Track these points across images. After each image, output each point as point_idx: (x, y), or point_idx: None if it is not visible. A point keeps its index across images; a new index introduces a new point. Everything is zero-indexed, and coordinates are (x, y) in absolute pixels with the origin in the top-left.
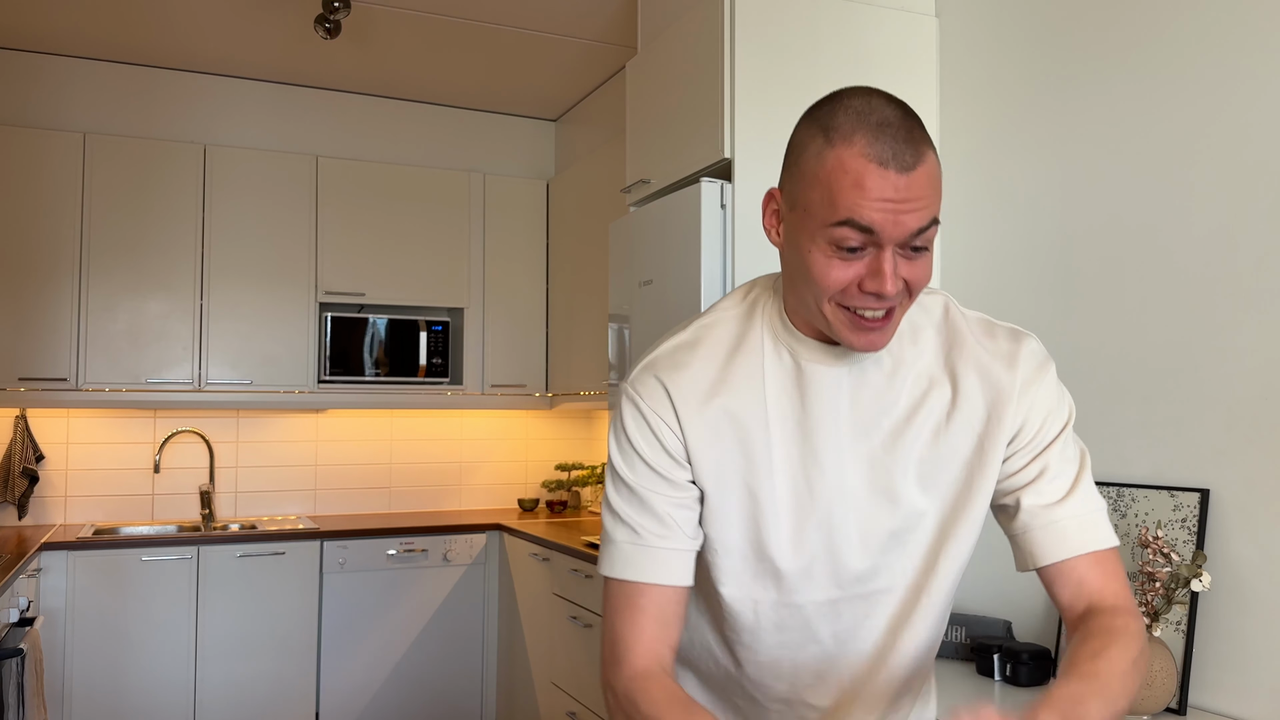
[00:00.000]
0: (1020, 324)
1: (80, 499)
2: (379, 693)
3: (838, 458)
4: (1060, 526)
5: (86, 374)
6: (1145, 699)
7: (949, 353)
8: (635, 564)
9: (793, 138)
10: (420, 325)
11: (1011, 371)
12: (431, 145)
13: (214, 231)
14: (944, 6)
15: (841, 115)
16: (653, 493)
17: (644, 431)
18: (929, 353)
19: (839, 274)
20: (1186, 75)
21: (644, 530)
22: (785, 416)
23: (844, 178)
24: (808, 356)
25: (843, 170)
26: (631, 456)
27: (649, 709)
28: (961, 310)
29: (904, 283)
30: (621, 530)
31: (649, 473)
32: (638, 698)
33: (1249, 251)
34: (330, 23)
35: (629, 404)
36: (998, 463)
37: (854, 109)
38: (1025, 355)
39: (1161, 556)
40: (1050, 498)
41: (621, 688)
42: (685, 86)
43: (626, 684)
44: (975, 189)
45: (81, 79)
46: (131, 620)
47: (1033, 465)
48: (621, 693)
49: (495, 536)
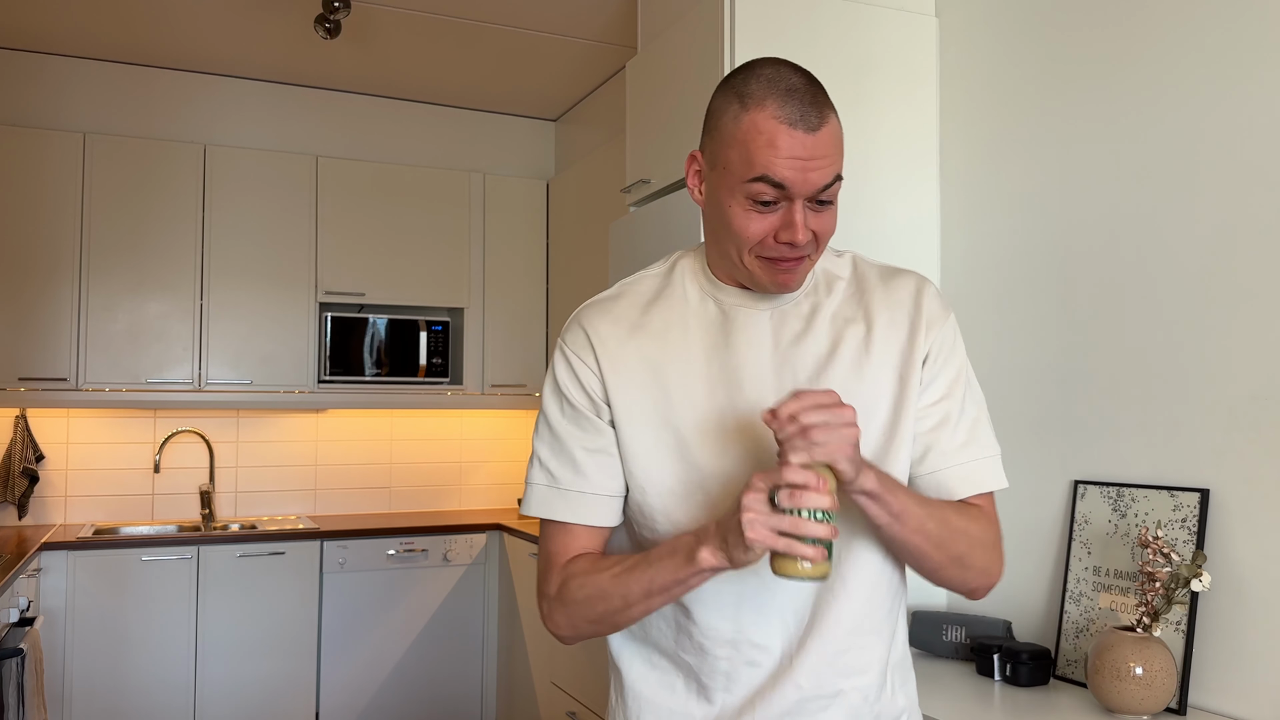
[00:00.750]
0: (1020, 324)
1: (80, 499)
2: (379, 693)
3: (759, 392)
4: (954, 472)
5: (86, 374)
6: (1145, 699)
7: (861, 296)
8: (550, 505)
9: (711, 104)
10: (420, 325)
11: (917, 308)
12: (431, 145)
13: (214, 231)
14: (944, 6)
15: (754, 83)
16: (571, 438)
17: (567, 373)
18: (841, 297)
19: (756, 226)
20: (1186, 74)
21: (560, 475)
22: (710, 358)
23: (758, 138)
24: (731, 302)
25: (757, 131)
26: (555, 399)
27: (582, 578)
28: (869, 261)
29: (813, 234)
30: (539, 473)
31: (571, 413)
32: (570, 582)
33: (1249, 251)
34: (330, 23)
35: (557, 351)
36: (917, 388)
37: (765, 77)
38: (929, 295)
39: (1161, 556)
40: (950, 444)
41: (555, 589)
42: (685, 86)
43: (558, 582)
44: (975, 189)
45: (81, 79)
46: (131, 620)
47: (934, 409)
48: (555, 592)
49: (495, 536)
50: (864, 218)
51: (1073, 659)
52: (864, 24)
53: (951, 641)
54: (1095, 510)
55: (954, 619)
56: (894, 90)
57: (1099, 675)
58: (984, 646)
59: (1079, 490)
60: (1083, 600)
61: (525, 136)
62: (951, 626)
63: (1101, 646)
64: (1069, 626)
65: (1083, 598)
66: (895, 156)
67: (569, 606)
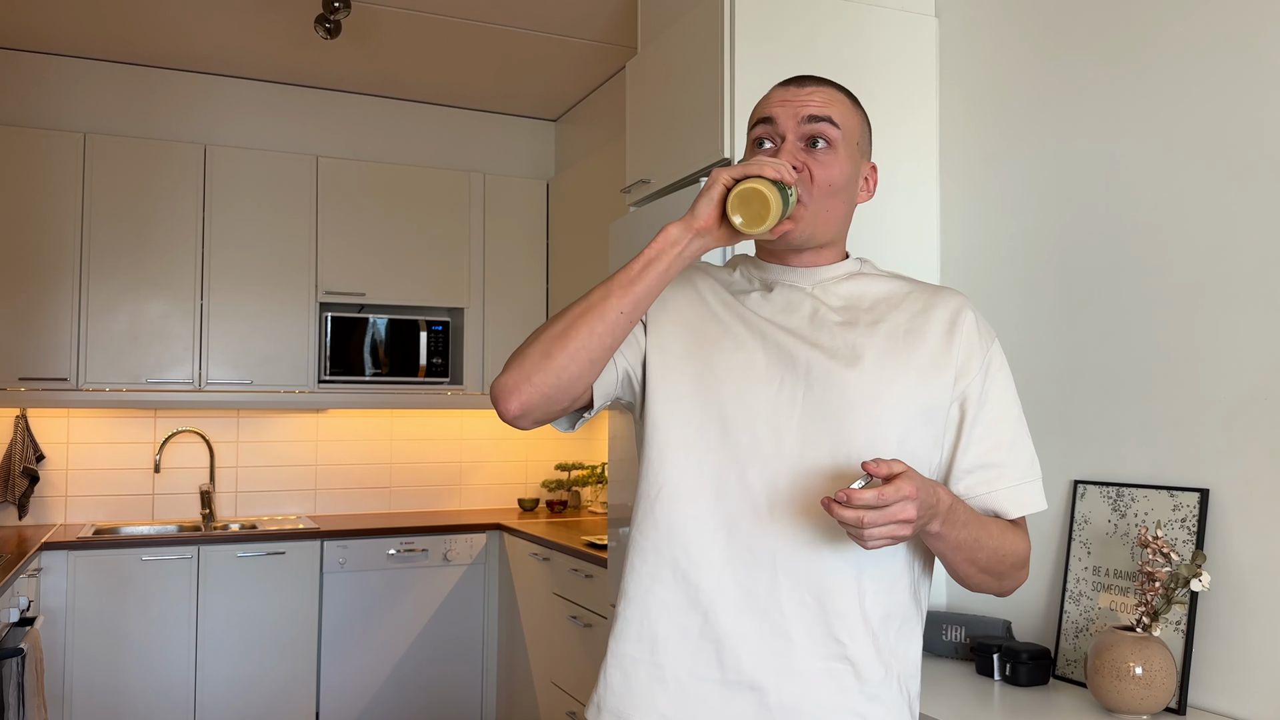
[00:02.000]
0: (1020, 324)
1: (80, 499)
2: (379, 693)
3: (792, 348)
4: (1005, 494)
5: (87, 374)
6: (1144, 699)
7: (905, 297)
8: None
9: None
10: (420, 325)
11: (955, 322)
12: (431, 145)
13: (214, 231)
14: (944, 6)
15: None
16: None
17: None
18: (884, 290)
19: None
20: (1186, 74)
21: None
22: (748, 318)
23: (760, 100)
24: (773, 279)
25: (761, 98)
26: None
27: (550, 321)
28: (917, 279)
29: (810, 175)
30: None
31: None
32: (539, 329)
33: (1249, 251)
34: (330, 23)
35: None
36: (948, 391)
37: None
38: (967, 315)
39: (1161, 556)
40: (1004, 465)
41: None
42: (685, 86)
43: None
44: (975, 189)
45: (81, 79)
46: (131, 620)
47: (991, 431)
48: (521, 346)
49: (495, 536)
50: (864, 218)
51: (1072, 659)
52: (864, 24)
53: (951, 641)
54: (1095, 510)
55: (954, 619)
56: (894, 90)
57: (1099, 675)
58: (984, 646)
59: (1079, 490)
60: (1082, 600)
61: (525, 136)
62: (951, 626)
63: (1101, 646)
64: (1069, 626)
65: (1082, 597)
66: (895, 156)
67: (521, 353)
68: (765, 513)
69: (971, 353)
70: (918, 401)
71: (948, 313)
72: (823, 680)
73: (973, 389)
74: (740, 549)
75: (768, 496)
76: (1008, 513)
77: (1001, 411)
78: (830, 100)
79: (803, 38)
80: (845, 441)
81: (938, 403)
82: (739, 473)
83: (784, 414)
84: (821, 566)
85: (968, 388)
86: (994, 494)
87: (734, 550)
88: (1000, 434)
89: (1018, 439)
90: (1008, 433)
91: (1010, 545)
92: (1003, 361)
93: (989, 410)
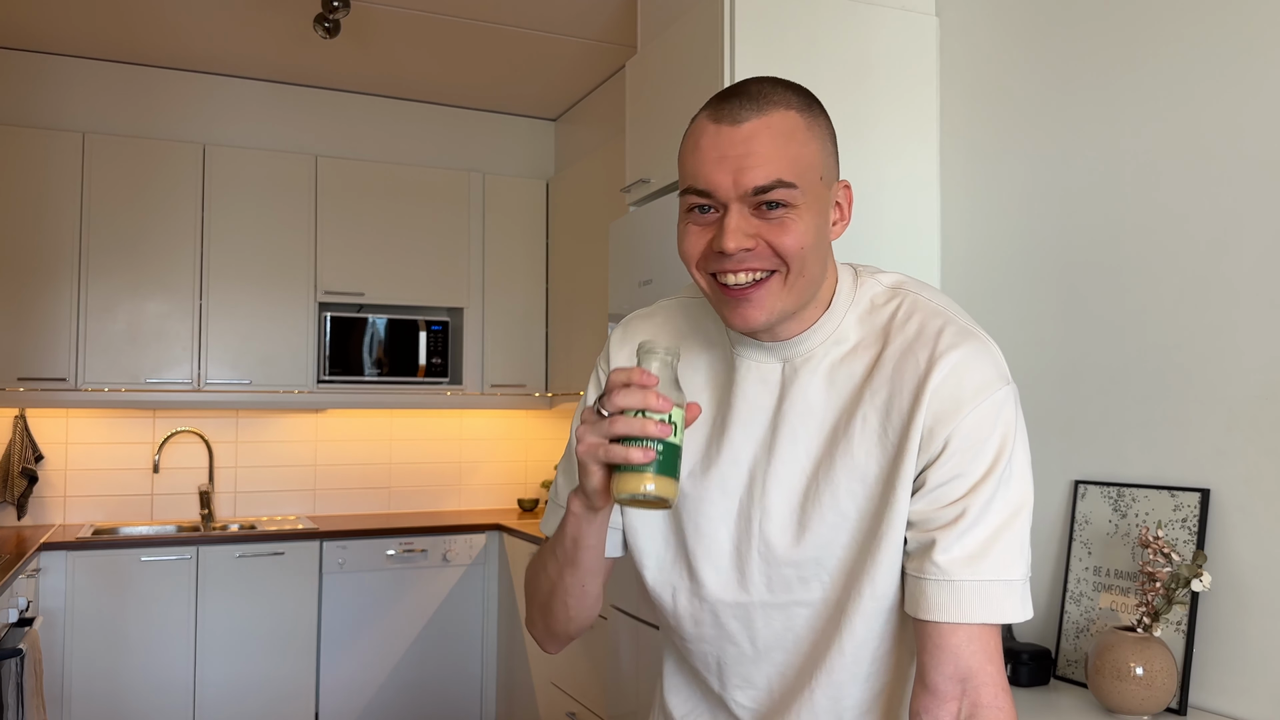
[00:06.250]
0: (1020, 324)
1: (79, 499)
2: (379, 693)
3: (750, 451)
4: (956, 588)
5: (86, 374)
6: (1145, 699)
7: (891, 357)
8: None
9: None
10: (420, 325)
11: (922, 385)
12: (431, 145)
13: (213, 231)
14: (944, 6)
15: (716, 95)
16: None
17: (594, 382)
18: (870, 356)
19: (694, 240)
20: (1186, 75)
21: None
22: (718, 403)
23: (688, 143)
24: (740, 351)
25: (689, 137)
26: (582, 405)
27: (529, 587)
28: (929, 306)
29: (769, 246)
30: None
31: None
32: (528, 592)
33: (1249, 251)
34: (330, 22)
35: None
36: (909, 479)
37: (730, 88)
38: (942, 373)
39: (1162, 556)
40: (959, 553)
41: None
42: (685, 86)
43: None
44: (975, 189)
45: (81, 79)
46: (131, 620)
47: (949, 509)
48: (526, 603)
49: (495, 536)
50: (864, 218)
51: (1073, 659)
52: (864, 24)
53: None
54: (1095, 510)
55: None
56: (894, 90)
57: (1099, 675)
58: None
59: (1079, 490)
60: (1083, 600)
61: (525, 136)
62: None
63: (1102, 646)
64: (1069, 626)
65: (1083, 598)
66: (895, 156)
67: (528, 602)
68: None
69: (956, 429)
70: (881, 523)
71: (918, 372)
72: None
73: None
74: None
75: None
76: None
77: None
78: (776, 145)
79: (803, 37)
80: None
81: (901, 501)
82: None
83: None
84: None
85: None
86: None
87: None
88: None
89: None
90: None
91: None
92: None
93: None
